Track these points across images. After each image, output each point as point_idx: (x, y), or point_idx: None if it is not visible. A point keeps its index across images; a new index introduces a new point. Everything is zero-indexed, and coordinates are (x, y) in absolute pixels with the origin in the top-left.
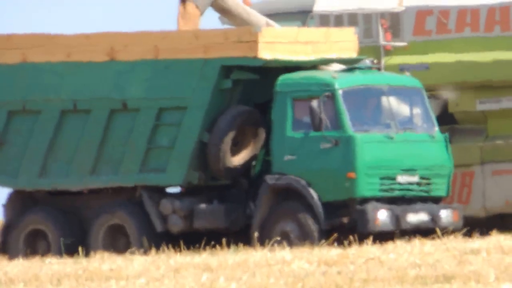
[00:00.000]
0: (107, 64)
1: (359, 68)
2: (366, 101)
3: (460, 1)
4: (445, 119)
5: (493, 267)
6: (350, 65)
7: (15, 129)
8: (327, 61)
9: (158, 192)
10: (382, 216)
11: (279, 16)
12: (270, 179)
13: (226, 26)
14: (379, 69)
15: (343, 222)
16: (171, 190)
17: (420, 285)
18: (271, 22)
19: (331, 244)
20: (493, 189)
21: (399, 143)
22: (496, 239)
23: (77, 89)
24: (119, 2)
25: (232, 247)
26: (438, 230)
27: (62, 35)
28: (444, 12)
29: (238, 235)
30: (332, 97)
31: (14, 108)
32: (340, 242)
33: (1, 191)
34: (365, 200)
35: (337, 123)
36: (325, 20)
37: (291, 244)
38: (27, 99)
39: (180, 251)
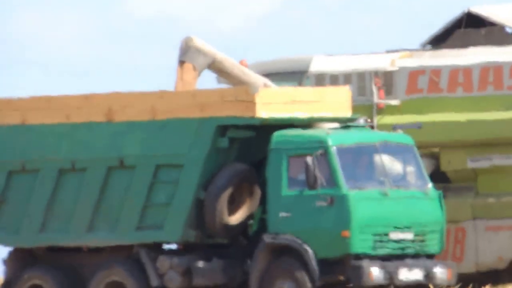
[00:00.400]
0: (105, 125)
1: (353, 126)
2: (360, 158)
3: (452, 61)
4: (437, 177)
5: None
6: (344, 123)
7: (15, 188)
8: (322, 120)
9: (156, 249)
10: (376, 272)
11: (276, 76)
12: (267, 237)
13: (223, 86)
14: (372, 127)
15: (338, 279)
16: (168, 246)
17: None
18: (268, 82)
19: None
20: (485, 245)
21: (393, 200)
22: None
23: (75, 149)
24: (116, 62)
25: None
26: (432, 287)
27: (60, 97)
28: (436, 71)
29: None
30: (326, 154)
31: (14, 168)
32: None
33: (2, 248)
34: (359, 257)
35: (331, 180)
36: (320, 79)
37: None
38: (26, 159)
39: None
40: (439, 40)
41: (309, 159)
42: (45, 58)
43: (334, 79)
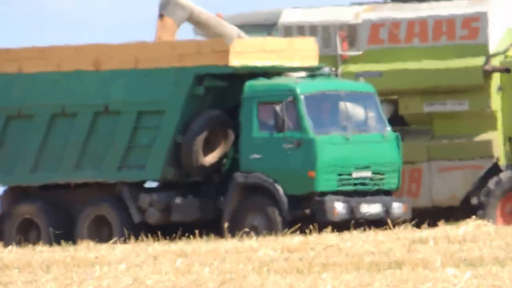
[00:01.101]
0: (92, 73)
1: (319, 75)
2: (325, 105)
3: (409, 14)
4: (396, 121)
5: (440, 254)
6: (311, 72)
7: (12, 132)
8: (291, 69)
9: (137, 187)
10: (339, 207)
11: (248, 27)
12: (239, 176)
13: (200, 37)
14: (336, 76)
15: (305, 213)
16: (149, 185)
17: (374, 270)
18: (241, 33)
19: (294, 233)
20: (439, 184)
21: (354, 143)
22: (443, 229)
23: (65, 95)
24: (103, 16)
25: (205, 237)
26: (389, 221)
27: (53, 47)
28: (396, 24)
29: (210, 226)
30: (294, 101)
31: (11, 113)
32: (302, 231)
33: None
34: (325, 194)
35: (299, 125)
36: (288, 31)
37: (258, 234)
38: (22, 105)
39: (158, 240)
40: None
41: (278, 106)
42: (39, 11)
43: (301, 31)
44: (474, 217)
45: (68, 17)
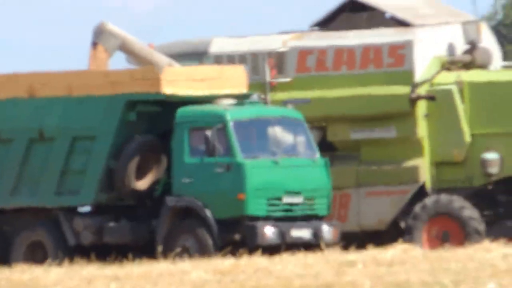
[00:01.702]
0: (27, 100)
1: (248, 102)
2: (254, 131)
3: (337, 42)
4: (325, 147)
5: (368, 277)
6: (241, 99)
7: None
8: (221, 96)
9: (72, 211)
10: (269, 231)
11: (180, 56)
12: (170, 200)
13: (132, 66)
14: (265, 103)
15: (235, 237)
16: (83, 209)
17: None
18: (172, 62)
19: (225, 256)
20: (367, 209)
21: (284, 167)
22: (371, 252)
23: (1, 122)
24: (39, 43)
25: (138, 259)
26: (320, 244)
27: None
28: (323, 51)
29: (143, 249)
30: (224, 127)
31: None
32: (233, 254)
33: None
34: (255, 218)
35: (228, 150)
36: (219, 59)
37: (190, 256)
38: None
39: (92, 263)
40: (326, 23)
41: (208, 132)
42: None
43: (231, 59)
44: (401, 240)
45: (2, 45)
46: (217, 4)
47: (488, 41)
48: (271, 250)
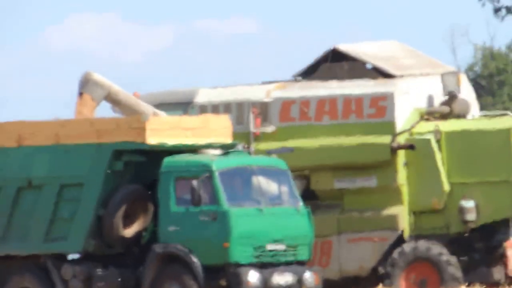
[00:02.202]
0: (15, 149)
1: (233, 152)
2: (239, 180)
3: (319, 92)
4: (308, 195)
5: None
6: (225, 149)
7: None
8: (205, 146)
9: (61, 258)
10: (253, 278)
11: (165, 106)
12: (157, 247)
13: (118, 115)
14: (249, 152)
15: (220, 284)
16: (71, 256)
17: None
18: (157, 111)
19: None
20: (348, 255)
21: (268, 216)
22: None
23: None
24: (25, 93)
25: None
26: None
27: None
28: (305, 102)
29: None
30: (210, 177)
31: None
32: None
33: None
34: (240, 265)
35: (214, 199)
36: (204, 109)
37: None
38: None
39: None
40: (309, 73)
41: (194, 182)
42: None
43: (215, 109)
44: (381, 286)
45: None
46: (201, 55)
47: (467, 91)
48: None
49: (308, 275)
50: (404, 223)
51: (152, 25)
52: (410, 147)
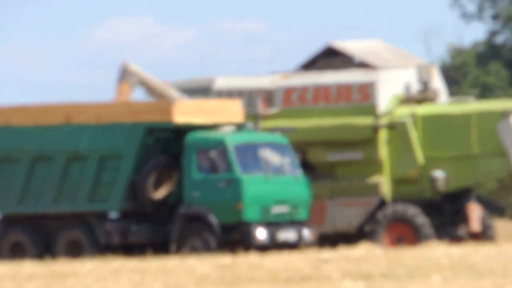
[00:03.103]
0: (64, 126)
1: (244, 129)
2: (249, 153)
3: (315, 81)
4: (306, 166)
5: (339, 270)
6: (238, 127)
7: (2, 172)
8: (222, 125)
9: (103, 216)
10: (261, 234)
11: (189, 91)
12: (182, 208)
13: (150, 99)
14: (257, 130)
15: (234, 239)
16: (112, 215)
17: (288, 284)
18: (183, 95)
19: (226, 254)
20: (339, 216)
21: (273, 183)
22: (342, 251)
23: (44, 144)
24: (73, 80)
25: (155, 256)
26: (301, 244)
27: (30, 106)
28: (304, 89)
29: (160, 247)
30: (225, 150)
31: (1, 158)
32: (232, 252)
33: None
34: (250, 223)
35: (229, 168)
36: (220, 94)
37: (197, 253)
38: (9, 151)
39: (119, 258)
40: (308, 65)
41: (213, 153)
42: (28, 80)
43: (230, 94)
44: (366, 242)
45: (45, 82)
46: (220, 48)
47: (437, 81)
48: (262, 249)
49: (306, 232)
50: (386, 190)
51: (178, 25)
52: (390, 127)
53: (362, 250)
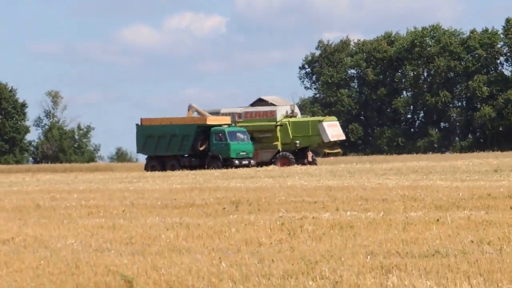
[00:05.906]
0: (171, 125)
1: (231, 126)
2: (233, 134)
3: (255, 109)
4: (252, 139)
5: (261, 173)
6: (229, 125)
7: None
8: (224, 124)
9: (182, 156)
10: (237, 162)
11: (211, 113)
12: (210, 153)
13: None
14: (236, 126)
15: (227, 164)
16: (185, 155)
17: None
18: (210, 114)
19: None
20: (263, 156)
21: (241, 145)
22: (263, 169)
23: (167, 130)
24: (156, 98)
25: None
26: (250, 166)
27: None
28: (251, 112)
29: (202, 168)
30: (224, 132)
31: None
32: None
33: None
34: (233, 158)
35: (225, 139)
36: (223, 114)
37: (214, 169)
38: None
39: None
40: (252, 104)
41: (220, 134)
42: None
43: (225, 114)
44: (272, 165)
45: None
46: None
47: (297, 110)
48: (236, 167)
49: (252, 162)
50: (279, 147)
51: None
52: (280, 125)
53: (269, 168)
